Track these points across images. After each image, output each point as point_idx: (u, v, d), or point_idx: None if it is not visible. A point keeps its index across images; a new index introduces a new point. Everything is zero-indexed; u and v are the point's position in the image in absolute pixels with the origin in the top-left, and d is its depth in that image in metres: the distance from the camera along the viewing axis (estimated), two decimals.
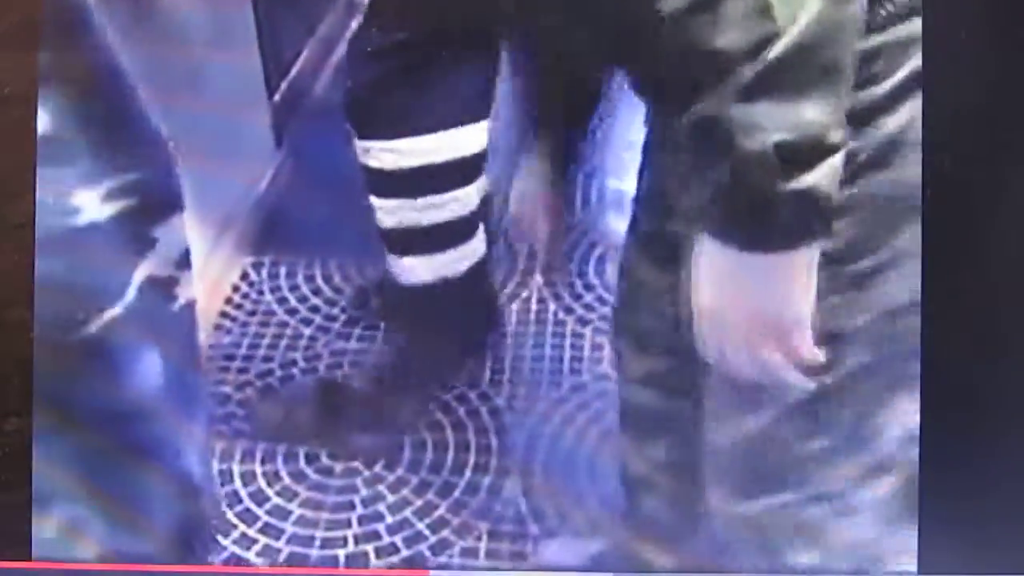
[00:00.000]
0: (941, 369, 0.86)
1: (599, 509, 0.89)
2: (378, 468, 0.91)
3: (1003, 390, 0.87)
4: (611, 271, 0.91)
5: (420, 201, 0.92)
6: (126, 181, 0.90)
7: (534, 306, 0.94)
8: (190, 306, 0.92)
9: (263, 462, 0.92)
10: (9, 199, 0.90)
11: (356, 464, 0.92)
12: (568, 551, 0.89)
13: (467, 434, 0.92)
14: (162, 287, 0.91)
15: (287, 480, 0.92)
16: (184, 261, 0.92)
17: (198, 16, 0.92)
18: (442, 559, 0.89)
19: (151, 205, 0.91)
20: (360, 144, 0.92)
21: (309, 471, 0.92)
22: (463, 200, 0.93)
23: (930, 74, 0.85)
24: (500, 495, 0.90)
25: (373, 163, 0.92)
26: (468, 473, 0.91)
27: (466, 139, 0.92)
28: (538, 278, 0.95)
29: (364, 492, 0.91)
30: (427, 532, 0.90)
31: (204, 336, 0.94)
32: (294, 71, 0.96)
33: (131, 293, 0.90)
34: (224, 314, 0.96)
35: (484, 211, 0.94)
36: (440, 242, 0.93)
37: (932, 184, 0.86)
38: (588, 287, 0.94)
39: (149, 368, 0.90)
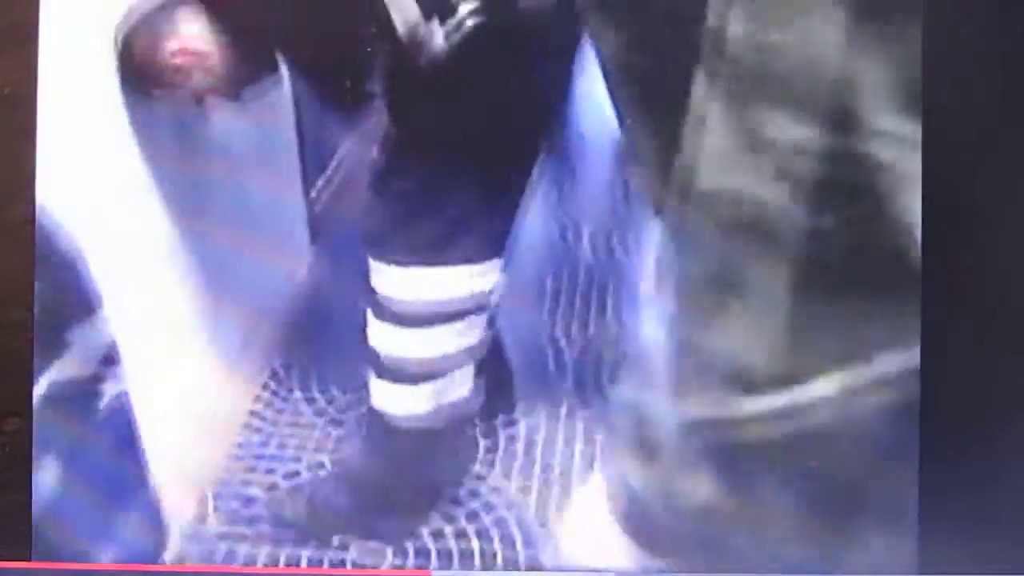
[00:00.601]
0: (941, 370, 0.86)
1: None
2: None
3: (1003, 390, 0.87)
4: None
5: (421, 332, 0.93)
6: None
7: (563, 411, 0.94)
8: (120, 398, 0.91)
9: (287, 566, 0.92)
10: (9, 199, 0.90)
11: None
12: None
13: (493, 544, 0.91)
14: (83, 387, 0.90)
15: None
16: (110, 357, 0.91)
17: (238, 111, 0.92)
18: None
19: (58, 310, 0.90)
20: (372, 262, 0.93)
21: None
22: (460, 336, 0.93)
23: (930, 87, 0.86)
24: None
25: (379, 285, 0.92)
26: None
27: (476, 276, 0.93)
28: (569, 383, 0.95)
29: None
30: None
31: (233, 436, 0.93)
32: (331, 166, 0.96)
33: (35, 402, 0.90)
34: (253, 413, 0.94)
35: (483, 346, 0.93)
36: (428, 373, 0.94)
37: (932, 186, 0.86)
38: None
39: (63, 472, 0.90)
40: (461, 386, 0.93)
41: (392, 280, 0.93)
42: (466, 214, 0.92)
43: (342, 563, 0.92)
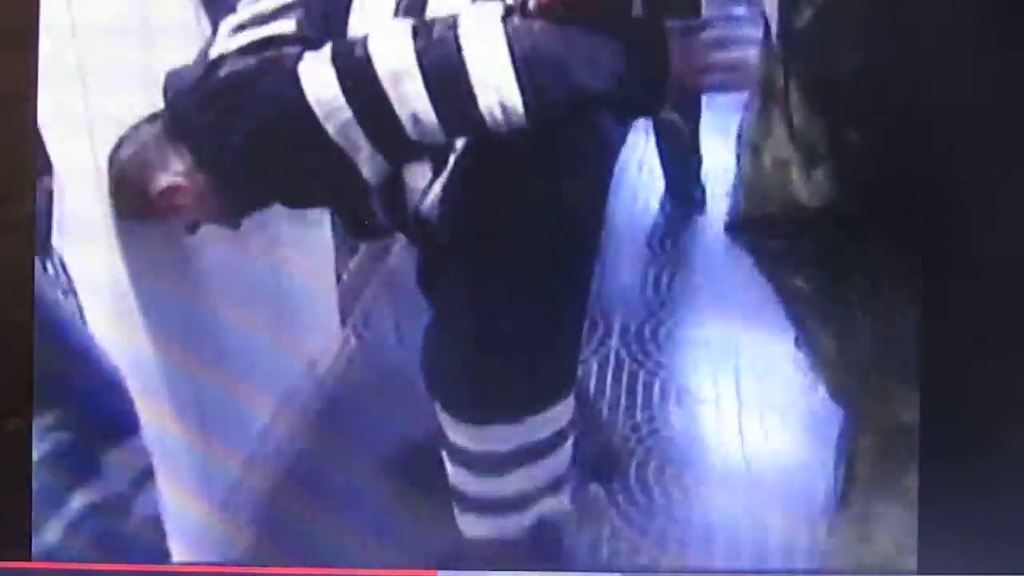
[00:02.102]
0: (941, 369, 0.86)
1: None
2: None
3: (1002, 390, 0.87)
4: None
5: (491, 479, 0.92)
6: (57, 417, 0.89)
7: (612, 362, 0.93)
8: (154, 520, 0.91)
9: None
10: (9, 199, 0.90)
11: None
12: None
13: None
14: (112, 507, 0.90)
15: None
16: (144, 478, 0.90)
17: (280, 229, 0.92)
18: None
19: (92, 435, 0.90)
20: (441, 414, 0.92)
21: None
22: (547, 470, 0.92)
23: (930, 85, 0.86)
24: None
25: (451, 435, 0.91)
26: None
27: (552, 418, 0.92)
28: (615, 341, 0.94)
29: None
30: None
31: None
32: (363, 249, 0.95)
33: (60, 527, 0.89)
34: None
35: (565, 475, 0.93)
36: (519, 506, 0.93)
37: (929, 188, 0.86)
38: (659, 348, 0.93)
39: None
40: (555, 503, 0.92)
41: (467, 435, 0.91)
42: (531, 359, 0.90)
43: None
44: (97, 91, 0.90)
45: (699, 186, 0.92)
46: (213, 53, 0.92)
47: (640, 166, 0.92)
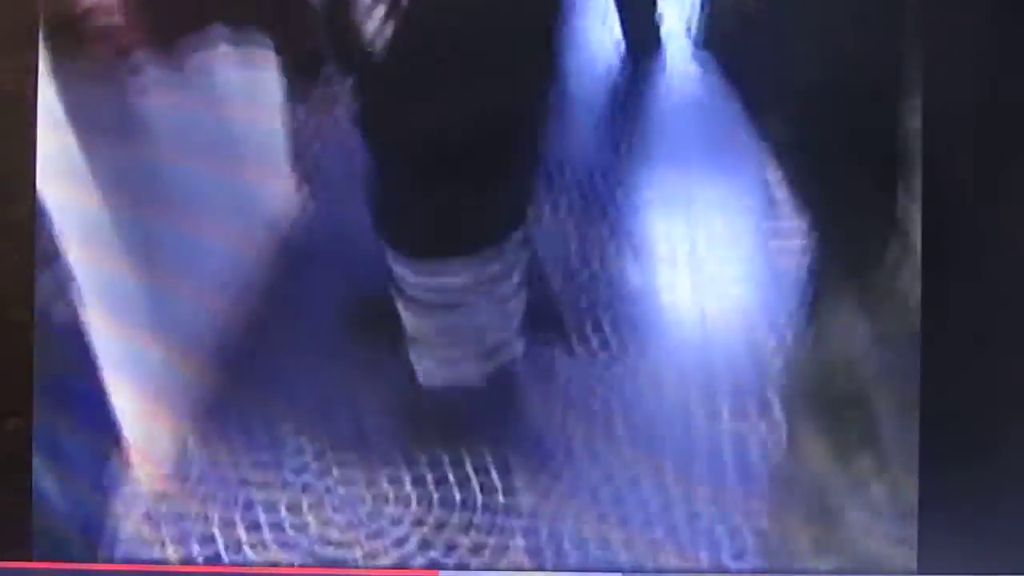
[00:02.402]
0: (941, 369, 0.86)
1: None
2: None
3: (1003, 390, 0.87)
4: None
5: (444, 317, 0.92)
6: None
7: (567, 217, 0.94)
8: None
9: None
10: (9, 199, 0.90)
11: None
12: None
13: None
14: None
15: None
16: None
17: (226, 73, 0.90)
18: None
19: None
20: (391, 255, 0.91)
21: None
22: (492, 311, 0.92)
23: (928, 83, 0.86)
24: None
25: (401, 276, 0.91)
26: None
27: (497, 260, 0.90)
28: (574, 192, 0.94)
29: None
30: None
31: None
32: (314, 97, 0.94)
33: None
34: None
35: (519, 324, 0.92)
36: (461, 347, 0.93)
37: (928, 185, 0.86)
38: (615, 205, 0.93)
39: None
40: (510, 351, 0.92)
41: (416, 272, 0.91)
42: (480, 200, 0.90)
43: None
44: None
45: (657, 40, 0.92)
46: None
47: (600, 23, 0.93)
